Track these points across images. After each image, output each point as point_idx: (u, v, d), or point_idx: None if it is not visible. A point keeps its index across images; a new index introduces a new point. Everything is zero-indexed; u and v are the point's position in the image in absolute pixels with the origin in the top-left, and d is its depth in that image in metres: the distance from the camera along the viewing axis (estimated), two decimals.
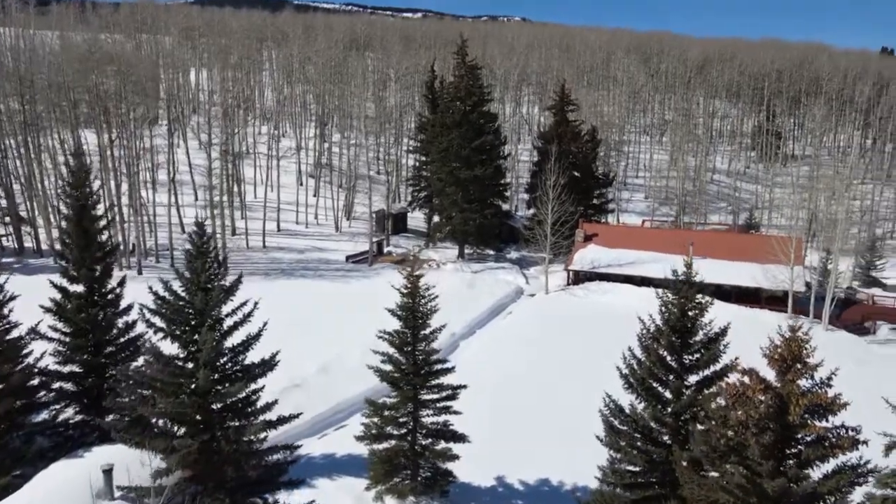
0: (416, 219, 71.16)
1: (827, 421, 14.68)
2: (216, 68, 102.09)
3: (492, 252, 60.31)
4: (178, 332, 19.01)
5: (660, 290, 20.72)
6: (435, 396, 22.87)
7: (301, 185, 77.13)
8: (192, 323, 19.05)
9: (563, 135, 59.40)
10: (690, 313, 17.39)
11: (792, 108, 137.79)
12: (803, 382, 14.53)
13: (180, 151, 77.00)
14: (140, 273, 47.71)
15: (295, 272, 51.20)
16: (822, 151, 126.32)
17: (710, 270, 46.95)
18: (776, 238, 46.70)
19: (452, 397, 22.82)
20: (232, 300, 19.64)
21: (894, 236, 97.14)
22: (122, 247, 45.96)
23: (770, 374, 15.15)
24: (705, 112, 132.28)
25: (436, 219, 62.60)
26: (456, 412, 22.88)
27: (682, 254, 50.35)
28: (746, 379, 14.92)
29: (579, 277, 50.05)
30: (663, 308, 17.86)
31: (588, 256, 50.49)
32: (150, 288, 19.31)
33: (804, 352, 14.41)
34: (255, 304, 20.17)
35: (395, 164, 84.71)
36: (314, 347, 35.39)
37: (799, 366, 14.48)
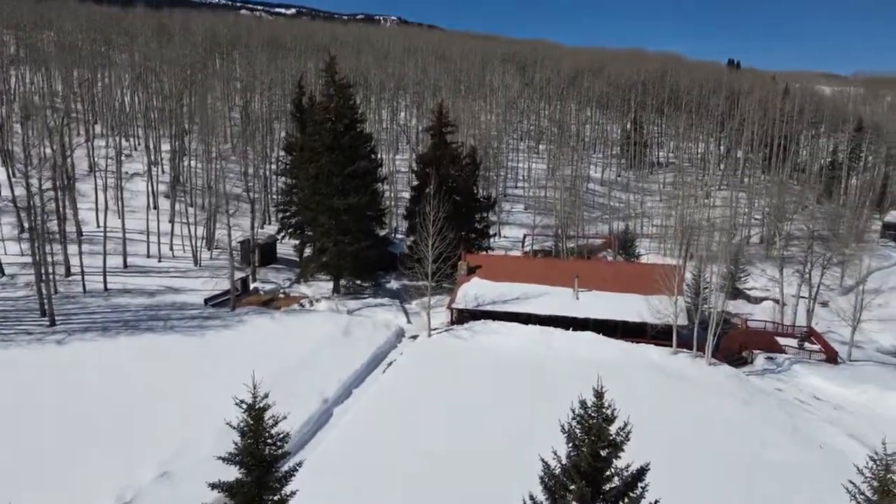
0: (288, 245, 65.30)
1: None
2: (50, 70, 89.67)
3: (370, 284, 56.01)
4: None
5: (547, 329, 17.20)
6: None
7: (154, 208, 68.45)
8: None
9: (441, 158, 56.24)
10: (603, 453, 14.08)
11: (656, 118, 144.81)
12: None
13: None
14: None
15: (141, 324, 43.97)
16: (684, 158, 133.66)
17: (597, 305, 45.76)
18: (659, 267, 46.14)
19: None
20: None
21: (750, 242, 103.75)
22: None
23: None
24: (578, 121, 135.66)
25: (308, 251, 57.26)
26: None
27: (568, 286, 49.13)
28: None
29: (464, 315, 47.03)
30: (571, 448, 14.42)
31: (472, 292, 47.55)
32: None
33: None
34: None
35: (264, 183, 77.95)
36: (155, 436, 29.40)
37: None
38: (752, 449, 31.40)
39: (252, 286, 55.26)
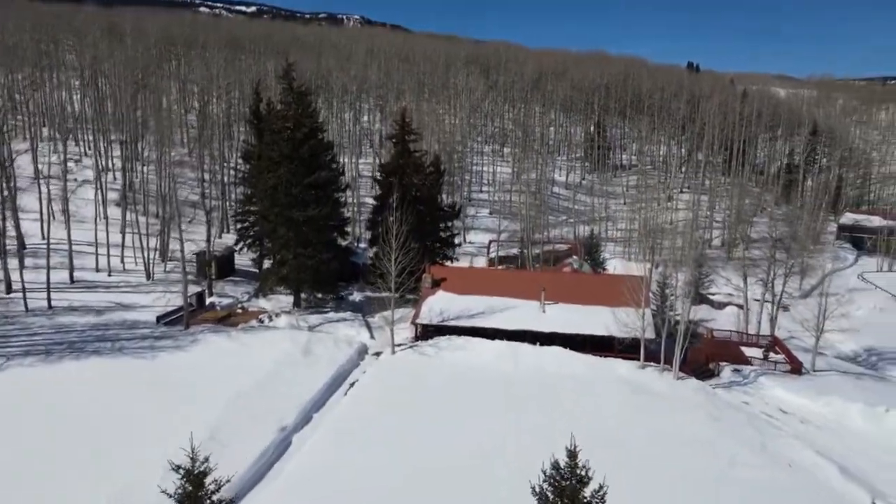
0: (247, 257, 63.08)
1: None
2: None
3: (332, 297, 54.32)
4: None
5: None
6: None
7: (103, 218, 65.31)
8: None
9: (405, 167, 54.90)
10: None
11: (619, 121, 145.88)
12: None
13: None
14: None
15: (88, 346, 41.51)
16: (647, 161, 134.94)
17: (563, 318, 45.01)
18: (626, 279, 45.64)
19: None
20: None
21: (712, 246, 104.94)
22: None
23: None
24: (542, 124, 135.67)
25: (267, 263, 55.27)
26: None
27: (535, 298, 48.32)
28: None
29: (429, 330, 45.77)
30: None
31: (436, 307, 46.33)
32: None
33: None
34: None
35: (223, 190, 75.39)
36: (101, 472, 27.39)
37: None
38: (721, 467, 30.93)
39: (208, 301, 53.05)
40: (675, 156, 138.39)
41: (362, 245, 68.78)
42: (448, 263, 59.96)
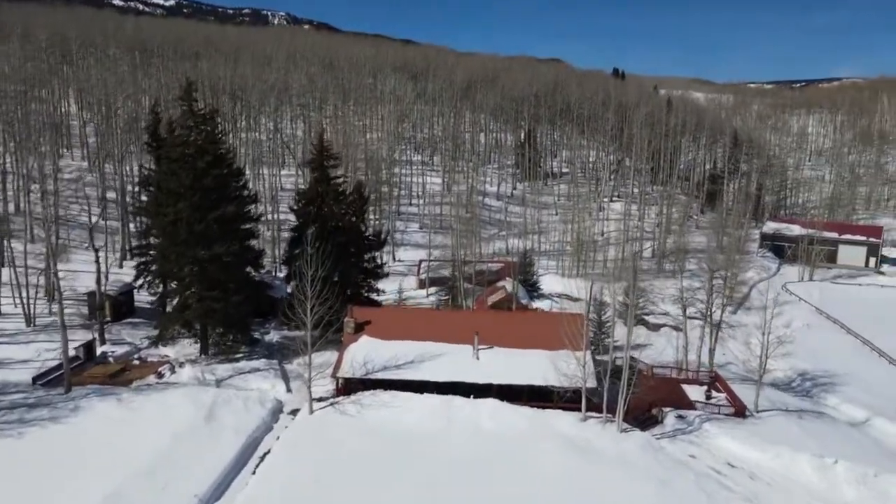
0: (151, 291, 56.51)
1: None
2: None
3: (244, 338, 48.83)
4: None
5: None
6: None
7: None
8: None
9: (324, 195, 50.13)
10: None
11: (549, 130, 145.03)
12: None
13: None
14: None
15: None
16: (577, 169, 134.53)
17: (499, 366, 41.40)
18: (564, 317, 42.56)
19: None
20: None
21: (643, 257, 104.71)
22: None
23: None
24: (473, 133, 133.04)
25: (172, 305, 49.24)
26: None
27: (468, 342, 44.55)
28: None
29: (352, 383, 41.30)
30: None
31: (360, 356, 41.88)
32: None
33: None
34: None
35: (122, 214, 68.18)
36: None
37: None
38: None
39: (100, 351, 46.61)
40: (605, 164, 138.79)
41: (281, 274, 63.30)
42: (375, 296, 55.64)
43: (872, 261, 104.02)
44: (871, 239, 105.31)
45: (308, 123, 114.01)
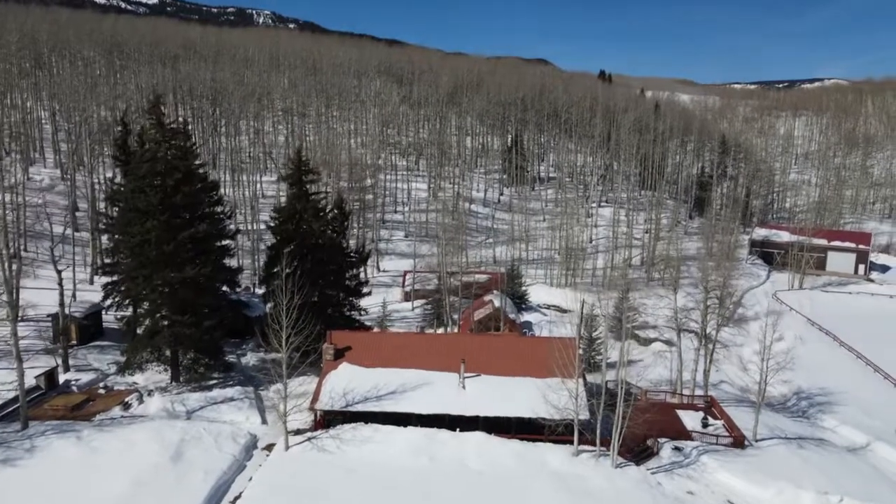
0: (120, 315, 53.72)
1: None
2: None
3: (217, 364, 46.25)
4: None
5: None
6: None
7: None
8: None
9: (302, 212, 47.73)
10: None
11: (537, 135, 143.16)
12: None
13: None
14: None
15: None
16: (565, 174, 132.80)
17: (486, 397, 39.21)
18: (555, 342, 40.48)
19: None
20: None
21: (632, 265, 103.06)
22: None
23: None
24: (459, 138, 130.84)
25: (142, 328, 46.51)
26: None
27: (453, 369, 42.36)
28: None
29: (331, 415, 38.98)
30: None
31: (339, 385, 39.56)
32: None
33: None
34: None
35: (94, 224, 65.25)
36: None
37: None
38: None
39: (63, 379, 43.89)
40: (593, 169, 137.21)
41: (260, 291, 60.71)
42: (357, 315, 53.29)
43: (861, 268, 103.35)
44: (861, 246, 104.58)
45: (291, 128, 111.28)
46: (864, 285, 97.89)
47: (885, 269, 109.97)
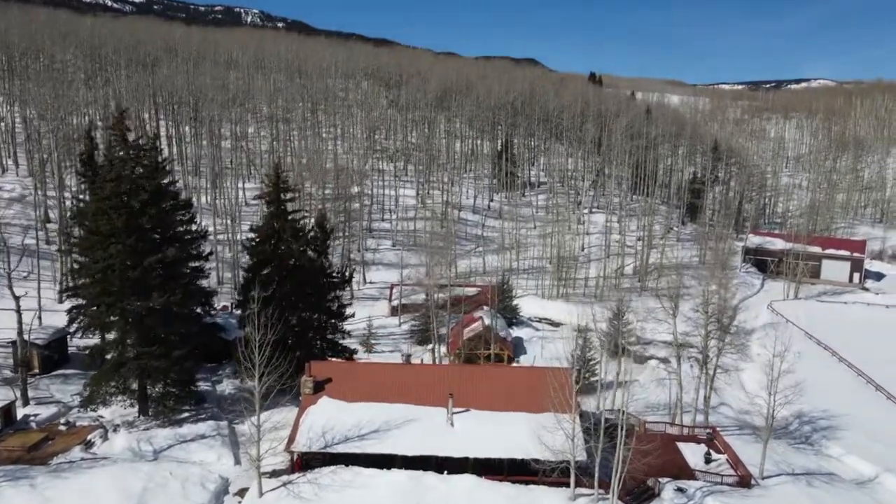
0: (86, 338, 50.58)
1: None
2: None
3: (188, 397, 43.27)
4: None
5: None
6: None
7: None
8: None
9: (280, 231, 44.91)
10: None
11: (527, 139, 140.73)
12: None
13: None
14: None
15: None
16: (556, 179, 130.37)
17: (477, 435, 36.44)
18: (550, 373, 37.93)
19: None
20: None
21: (624, 274, 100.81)
22: None
23: None
24: (449, 142, 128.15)
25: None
26: None
27: (441, 404, 39.58)
28: None
29: (309, 456, 36.21)
30: None
31: (319, 423, 36.78)
32: None
33: None
34: None
35: (62, 239, 61.96)
36: None
37: None
38: None
39: (21, 414, 40.81)
40: (584, 173, 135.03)
41: (238, 311, 57.69)
42: (340, 338, 50.49)
43: (856, 276, 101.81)
44: (855, 254, 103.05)
45: (275, 133, 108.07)
46: (859, 294, 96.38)
47: (879, 276, 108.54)
